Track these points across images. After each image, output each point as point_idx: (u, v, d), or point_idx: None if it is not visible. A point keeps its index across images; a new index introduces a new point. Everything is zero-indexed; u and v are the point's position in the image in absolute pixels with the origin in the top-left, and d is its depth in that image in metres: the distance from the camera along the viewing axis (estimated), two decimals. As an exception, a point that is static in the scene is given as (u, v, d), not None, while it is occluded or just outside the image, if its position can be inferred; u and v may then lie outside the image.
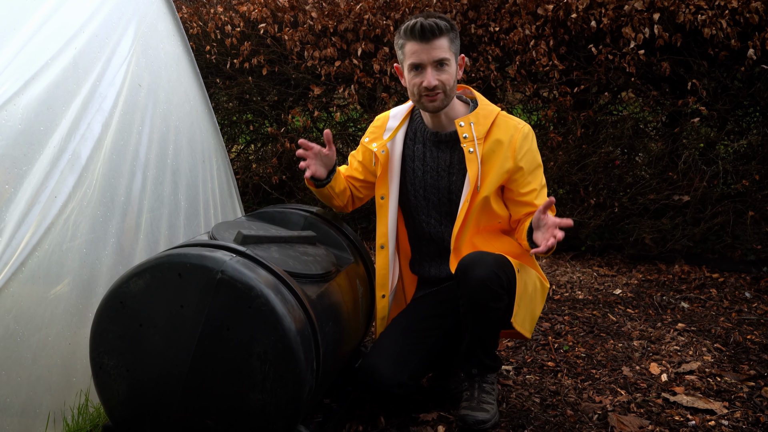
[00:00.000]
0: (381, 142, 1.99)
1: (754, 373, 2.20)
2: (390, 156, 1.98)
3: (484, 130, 1.87)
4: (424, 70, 1.82)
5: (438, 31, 1.79)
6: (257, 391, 1.45)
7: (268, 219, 2.03)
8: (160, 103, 2.32)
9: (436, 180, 1.97)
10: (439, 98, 1.84)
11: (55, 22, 1.92)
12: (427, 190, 1.98)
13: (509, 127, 1.89)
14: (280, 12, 3.93)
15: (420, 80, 1.83)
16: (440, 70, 1.82)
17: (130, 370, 1.51)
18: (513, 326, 1.80)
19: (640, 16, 3.26)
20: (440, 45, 1.80)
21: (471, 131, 1.87)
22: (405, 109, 2.03)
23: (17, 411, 1.61)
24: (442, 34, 1.80)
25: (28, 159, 1.69)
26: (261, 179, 4.25)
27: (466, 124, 1.88)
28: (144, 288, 1.49)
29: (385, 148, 1.98)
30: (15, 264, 1.60)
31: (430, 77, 1.81)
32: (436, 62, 1.81)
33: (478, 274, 1.73)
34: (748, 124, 3.73)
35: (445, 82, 1.82)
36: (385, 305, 2.03)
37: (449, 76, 1.83)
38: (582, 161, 3.58)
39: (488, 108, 1.92)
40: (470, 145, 1.87)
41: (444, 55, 1.81)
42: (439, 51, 1.80)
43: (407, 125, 2.02)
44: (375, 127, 2.06)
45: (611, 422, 1.87)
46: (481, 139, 1.87)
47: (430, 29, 1.78)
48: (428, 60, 1.80)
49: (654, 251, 3.50)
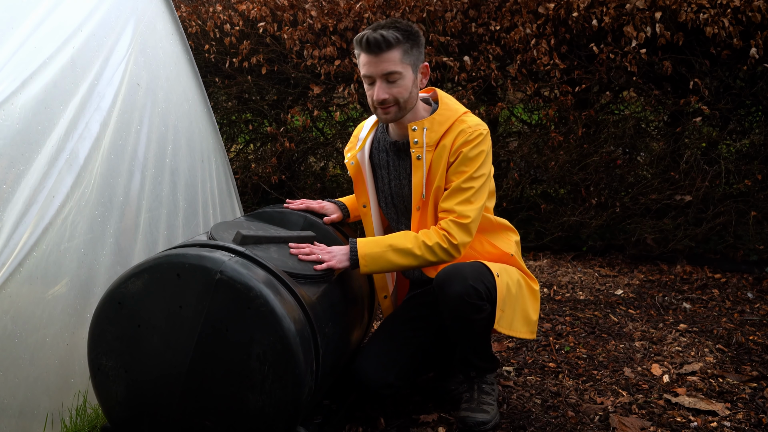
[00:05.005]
0: (353, 153, 1.99)
1: (756, 374, 2.19)
2: (361, 166, 1.98)
3: (436, 136, 1.81)
4: (374, 83, 1.78)
5: (385, 45, 1.71)
6: (256, 392, 1.44)
7: (268, 219, 2.02)
8: (159, 102, 2.31)
9: (399, 188, 1.96)
10: (393, 111, 1.80)
11: (53, 20, 1.90)
12: (394, 198, 1.98)
13: (457, 130, 1.81)
14: (279, 11, 3.92)
15: (372, 92, 1.79)
16: (391, 84, 1.76)
17: (128, 371, 1.50)
18: (498, 331, 1.79)
19: (641, 15, 3.25)
20: (389, 58, 1.73)
21: (422, 137, 1.82)
22: (374, 119, 2.00)
23: (15, 412, 1.60)
24: (391, 47, 1.72)
25: (25, 158, 1.68)
26: (260, 179, 4.24)
27: (419, 129, 1.83)
28: (142, 288, 1.48)
29: (354, 159, 1.98)
30: (13, 264, 1.59)
31: (380, 91, 1.76)
32: (384, 75, 1.75)
33: (454, 289, 1.71)
34: (750, 123, 3.72)
35: (396, 95, 1.77)
36: (389, 305, 2.05)
37: (401, 89, 1.77)
38: (583, 161, 3.57)
39: (446, 113, 1.84)
40: (418, 152, 1.83)
41: (392, 69, 1.73)
42: (387, 64, 1.73)
43: (374, 134, 2.00)
44: (353, 137, 2.07)
45: (613, 423, 1.86)
46: (431, 146, 1.82)
47: (376, 43, 1.71)
48: (377, 73, 1.75)
49: (656, 251, 3.49)
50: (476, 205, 1.79)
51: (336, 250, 1.77)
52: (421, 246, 1.75)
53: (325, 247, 1.79)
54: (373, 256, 1.74)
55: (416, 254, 1.75)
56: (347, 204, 2.13)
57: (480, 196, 1.80)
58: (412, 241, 1.76)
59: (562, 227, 3.63)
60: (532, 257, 3.69)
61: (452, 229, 1.75)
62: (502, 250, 1.92)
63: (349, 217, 2.12)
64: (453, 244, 1.75)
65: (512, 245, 1.96)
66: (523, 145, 3.76)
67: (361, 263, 1.75)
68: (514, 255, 1.93)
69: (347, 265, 1.75)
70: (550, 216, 3.68)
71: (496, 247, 1.93)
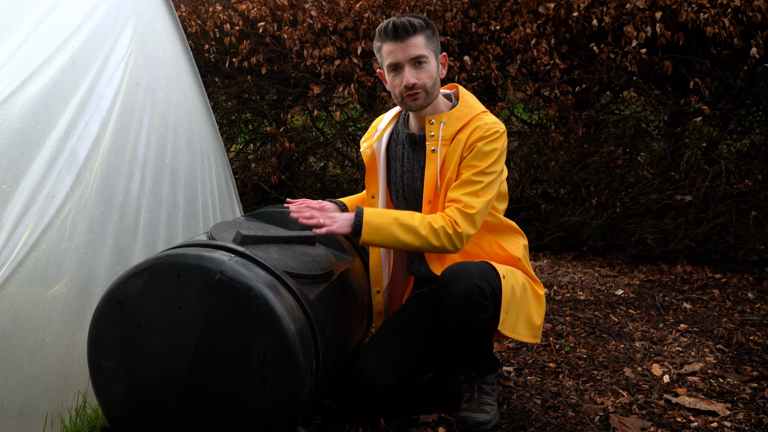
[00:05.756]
0: (369, 143, 2.00)
1: (756, 374, 2.19)
2: (376, 156, 1.98)
3: (453, 131, 1.83)
4: (402, 70, 1.79)
5: (412, 29, 1.76)
6: (256, 393, 1.44)
7: (267, 219, 2.02)
8: (159, 102, 2.30)
9: (411, 181, 1.96)
10: (421, 96, 1.81)
11: (52, 20, 1.90)
12: (405, 191, 1.98)
13: (474, 126, 1.82)
14: (279, 10, 3.92)
15: (399, 80, 1.80)
16: (419, 68, 1.78)
17: (128, 371, 1.50)
18: (501, 332, 1.78)
19: (642, 15, 3.25)
20: (416, 42, 1.77)
21: (438, 130, 1.83)
22: (395, 111, 2.03)
23: (14, 412, 1.60)
24: (417, 32, 1.77)
25: (25, 158, 1.68)
26: (260, 179, 4.24)
27: (437, 122, 1.84)
28: (142, 288, 1.48)
29: (371, 148, 1.98)
30: (12, 264, 1.59)
31: (409, 75, 1.78)
32: (413, 60, 1.77)
33: (459, 287, 1.71)
34: (750, 123, 3.72)
35: (424, 80, 1.79)
36: (380, 300, 2.03)
37: (428, 74, 1.80)
38: (583, 161, 3.56)
39: (465, 110, 1.86)
40: (433, 144, 1.84)
41: (420, 52, 1.77)
42: (414, 48, 1.77)
43: (393, 126, 2.01)
44: (371, 128, 2.08)
45: (613, 424, 1.86)
46: (447, 140, 1.83)
47: (403, 27, 1.75)
48: (405, 58, 1.77)
49: (656, 251, 3.49)
50: (483, 198, 1.78)
51: (338, 216, 1.75)
52: (426, 226, 1.73)
53: (327, 212, 1.78)
54: (378, 225, 1.72)
55: (421, 233, 1.73)
56: (347, 204, 2.13)
57: (488, 191, 1.79)
58: (419, 220, 1.75)
59: (562, 227, 3.63)
60: (533, 257, 3.69)
61: (458, 218, 1.75)
62: (509, 253, 1.92)
63: None
64: (457, 232, 1.74)
65: (520, 249, 1.96)
66: (524, 145, 3.76)
67: (363, 230, 1.72)
68: (521, 259, 1.93)
69: (348, 231, 1.73)
70: (551, 216, 3.68)
71: (504, 249, 1.92)
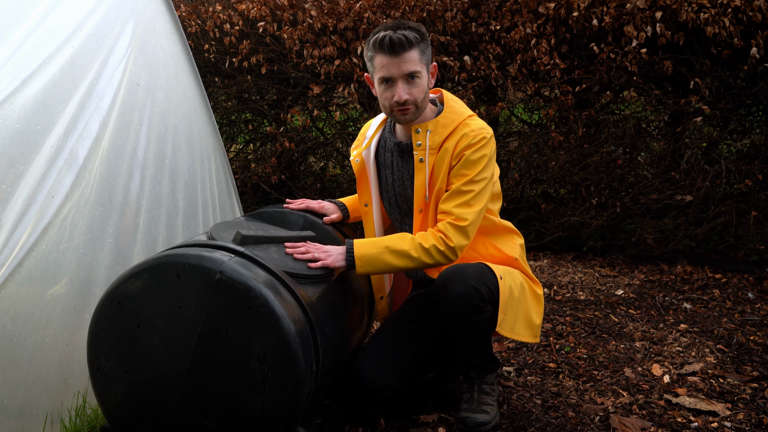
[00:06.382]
0: (358, 151, 1.98)
1: (757, 374, 2.19)
2: (365, 164, 1.96)
3: (440, 139, 1.81)
4: (394, 84, 1.76)
5: (408, 44, 1.72)
6: (256, 393, 1.43)
7: (267, 219, 2.02)
8: (159, 102, 2.30)
9: (402, 189, 1.95)
10: (411, 111, 1.79)
11: (52, 20, 1.90)
12: (398, 199, 1.98)
13: (461, 134, 1.81)
14: (279, 10, 3.91)
15: (391, 94, 1.78)
16: (411, 84, 1.76)
17: (128, 371, 1.50)
18: (500, 333, 1.79)
19: (642, 15, 3.25)
20: (410, 58, 1.74)
21: (425, 139, 1.82)
22: (382, 117, 2.00)
23: (14, 413, 1.60)
24: (412, 47, 1.73)
25: (25, 158, 1.68)
26: (260, 179, 4.23)
27: (423, 131, 1.82)
28: (142, 289, 1.47)
29: (360, 156, 1.97)
30: (12, 264, 1.59)
31: (401, 91, 1.75)
32: (406, 75, 1.75)
33: (456, 290, 1.71)
34: (751, 123, 3.72)
35: (416, 95, 1.77)
36: (384, 306, 2.05)
37: (420, 89, 1.78)
38: (583, 161, 3.56)
39: (451, 116, 1.84)
40: (421, 154, 1.82)
41: (414, 68, 1.74)
42: (409, 64, 1.74)
43: (380, 134, 1.99)
44: (360, 135, 2.06)
45: (613, 424, 1.86)
46: (434, 149, 1.81)
47: (399, 43, 1.71)
48: (398, 74, 1.75)
49: (656, 251, 3.49)
50: (475, 208, 1.77)
51: (332, 250, 1.76)
52: (417, 248, 1.74)
53: (321, 246, 1.78)
54: (369, 257, 1.74)
55: (412, 256, 1.74)
56: (347, 204, 2.13)
57: (480, 200, 1.79)
58: (408, 243, 1.75)
59: (562, 227, 3.63)
60: (533, 257, 3.68)
61: (449, 232, 1.74)
62: (506, 254, 1.92)
63: (349, 218, 2.12)
64: (449, 247, 1.74)
65: (516, 249, 1.96)
66: (524, 145, 3.76)
67: (357, 264, 1.74)
68: (518, 259, 1.93)
69: (343, 265, 1.75)
70: (551, 216, 3.67)
71: (500, 250, 1.92)
